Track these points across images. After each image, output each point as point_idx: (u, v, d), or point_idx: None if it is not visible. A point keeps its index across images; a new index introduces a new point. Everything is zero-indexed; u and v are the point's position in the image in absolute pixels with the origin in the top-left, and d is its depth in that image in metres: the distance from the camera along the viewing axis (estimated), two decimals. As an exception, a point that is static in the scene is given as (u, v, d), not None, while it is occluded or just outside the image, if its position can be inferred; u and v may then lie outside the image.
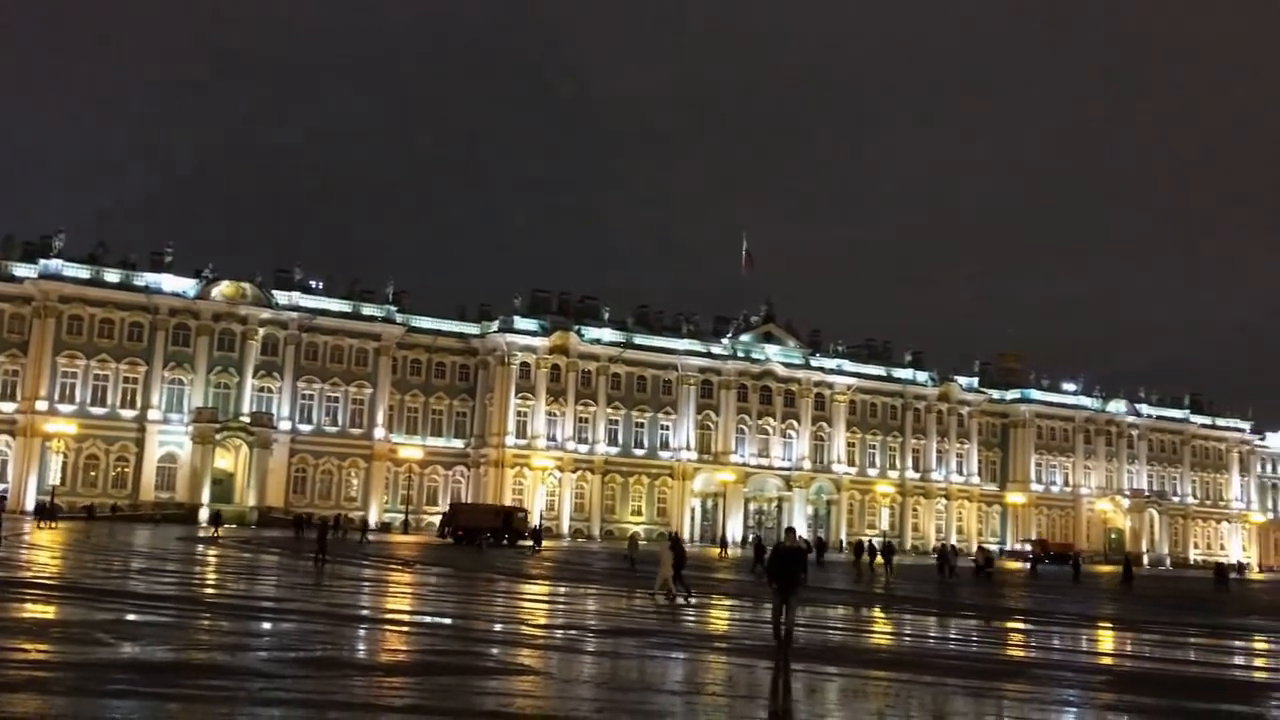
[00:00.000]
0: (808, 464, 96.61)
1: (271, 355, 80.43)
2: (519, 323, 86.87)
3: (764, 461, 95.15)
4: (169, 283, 77.84)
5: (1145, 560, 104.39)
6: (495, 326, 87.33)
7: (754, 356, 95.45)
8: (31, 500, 69.24)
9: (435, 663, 15.86)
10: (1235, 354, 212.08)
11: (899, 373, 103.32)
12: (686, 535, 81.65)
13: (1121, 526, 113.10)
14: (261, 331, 79.87)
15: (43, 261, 74.61)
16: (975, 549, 66.72)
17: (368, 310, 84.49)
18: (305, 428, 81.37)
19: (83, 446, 74.11)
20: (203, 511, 71.71)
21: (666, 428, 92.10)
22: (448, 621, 22.62)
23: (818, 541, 63.64)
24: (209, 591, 27.55)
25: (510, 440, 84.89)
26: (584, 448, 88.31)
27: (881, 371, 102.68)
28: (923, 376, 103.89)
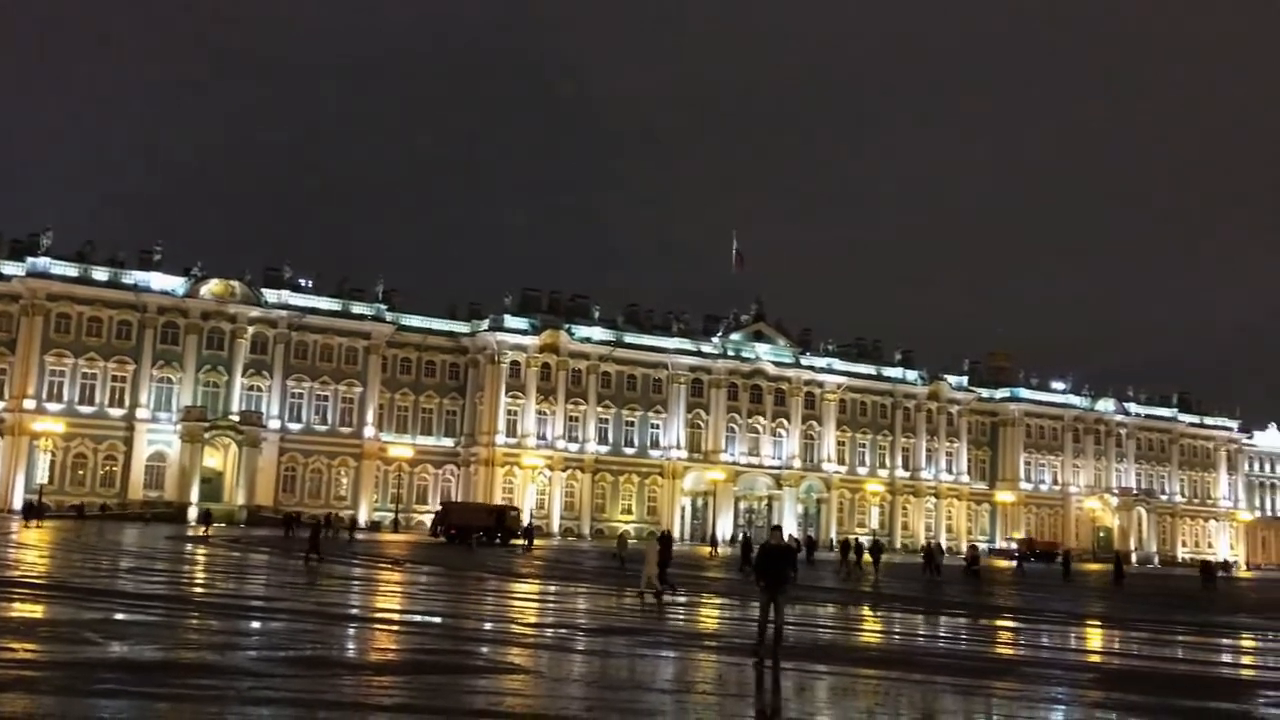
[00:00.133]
0: (798, 463, 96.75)
1: (261, 354, 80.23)
2: (509, 321, 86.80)
3: (754, 460, 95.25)
4: (158, 281, 77.63)
5: (1133, 558, 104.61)
6: (485, 325, 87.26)
7: (744, 355, 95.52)
8: (19, 499, 68.91)
9: (425, 661, 15.85)
10: (1235, 354, 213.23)
11: (889, 372, 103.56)
12: (677, 534, 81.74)
13: (1110, 525, 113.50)
14: (251, 330, 79.65)
15: (30, 259, 74.30)
16: (967, 547, 66.96)
17: (357, 309, 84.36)
18: (295, 426, 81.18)
19: (71, 445, 73.82)
20: (191, 510, 71.49)
21: (657, 426, 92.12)
22: (437, 620, 22.60)
23: (808, 540, 63.65)
24: (198, 590, 27.47)
25: (500, 439, 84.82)
26: (574, 446, 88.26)
27: (871, 370, 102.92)
28: (912, 375, 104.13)
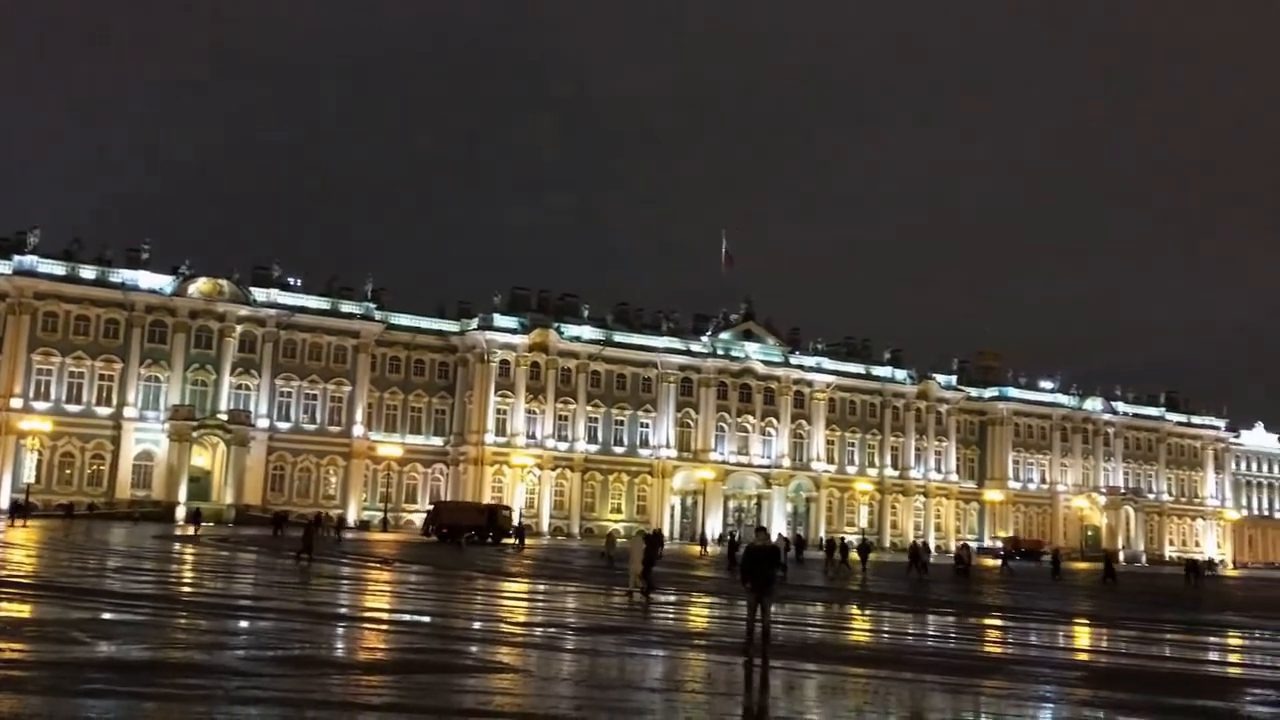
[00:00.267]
0: (787, 462, 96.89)
1: (249, 352, 79.99)
2: (498, 320, 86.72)
3: (743, 459, 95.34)
4: (145, 279, 77.34)
5: (1121, 557, 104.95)
6: (475, 324, 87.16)
7: (734, 354, 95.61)
8: (6, 499, 68.66)
9: (414, 661, 15.82)
10: (1235, 354, 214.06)
11: (878, 371, 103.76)
12: (667, 533, 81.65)
13: (1098, 523, 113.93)
14: (239, 328, 79.41)
15: (17, 258, 74.00)
16: (958, 546, 67.11)
17: (346, 307, 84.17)
18: (283, 425, 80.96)
19: (58, 444, 73.50)
20: (179, 510, 71.26)
21: (646, 425, 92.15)
22: (426, 619, 22.56)
23: (797, 539, 63.67)
24: (186, 590, 27.37)
25: (490, 438, 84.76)
26: (563, 445, 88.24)
27: (860, 370, 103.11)
28: (901, 375, 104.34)
